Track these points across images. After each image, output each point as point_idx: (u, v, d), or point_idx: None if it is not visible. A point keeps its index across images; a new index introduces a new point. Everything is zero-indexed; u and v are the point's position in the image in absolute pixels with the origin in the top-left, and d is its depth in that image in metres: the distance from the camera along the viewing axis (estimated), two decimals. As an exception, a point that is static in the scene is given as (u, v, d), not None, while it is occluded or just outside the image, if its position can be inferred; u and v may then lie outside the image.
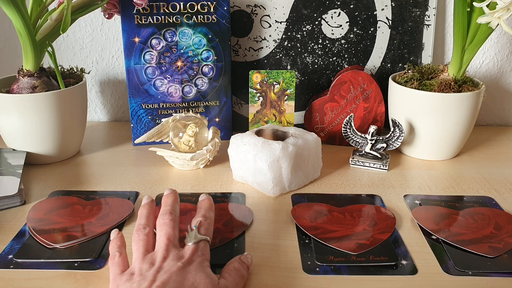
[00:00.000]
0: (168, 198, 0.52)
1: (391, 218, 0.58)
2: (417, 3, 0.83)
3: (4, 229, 0.57)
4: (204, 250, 0.46)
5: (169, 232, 0.47)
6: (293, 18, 0.84)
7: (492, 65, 0.91)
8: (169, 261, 0.44)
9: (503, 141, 0.86)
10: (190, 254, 0.45)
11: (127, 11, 0.76)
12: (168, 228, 0.47)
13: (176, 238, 0.47)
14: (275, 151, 0.63)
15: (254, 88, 0.79)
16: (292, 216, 0.59)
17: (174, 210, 0.50)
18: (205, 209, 0.52)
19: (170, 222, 0.48)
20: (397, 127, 0.73)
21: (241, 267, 0.47)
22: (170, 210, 0.50)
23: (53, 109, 0.71)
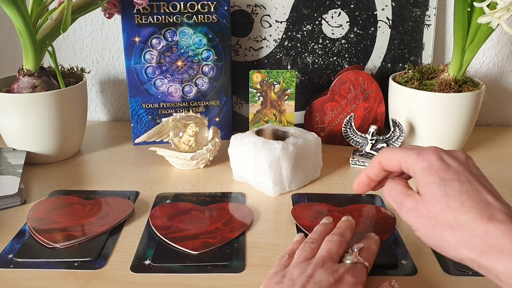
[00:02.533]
0: (343, 223, 0.51)
1: (391, 218, 0.58)
2: (418, 3, 0.83)
3: (4, 229, 0.57)
4: (360, 272, 0.44)
5: (332, 248, 0.46)
6: (293, 18, 0.84)
7: (493, 65, 0.91)
8: (322, 272, 0.43)
9: (503, 141, 0.86)
10: (344, 270, 0.43)
11: (128, 11, 0.76)
12: (333, 245, 0.47)
13: (337, 256, 0.46)
14: (275, 151, 0.63)
15: (254, 87, 0.79)
16: (292, 216, 0.59)
17: (345, 235, 0.49)
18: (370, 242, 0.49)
19: (337, 241, 0.47)
20: (397, 127, 0.73)
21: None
22: (341, 233, 0.49)
23: (53, 109, 0.71)
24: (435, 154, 0.40)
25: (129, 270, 0.50)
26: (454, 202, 0.37)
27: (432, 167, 0.40)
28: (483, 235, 0.35)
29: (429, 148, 0.41)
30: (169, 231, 0.55)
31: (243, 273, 0.49)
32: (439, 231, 0.37)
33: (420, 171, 0.40)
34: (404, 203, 0.40)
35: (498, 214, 0.36)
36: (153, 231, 0.56)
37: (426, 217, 0.38)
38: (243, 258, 0.51)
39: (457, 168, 0.39)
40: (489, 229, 0.35)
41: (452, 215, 0.37)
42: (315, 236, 0.50)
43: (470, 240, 0.36)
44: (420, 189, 0.40)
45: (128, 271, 0.49)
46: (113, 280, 0.48)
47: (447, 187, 0.38)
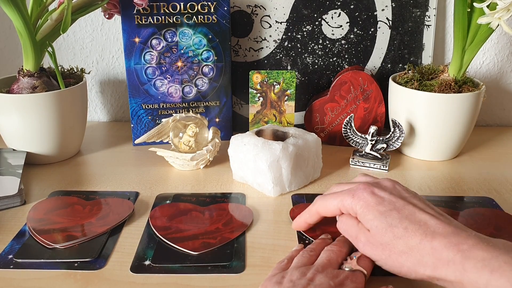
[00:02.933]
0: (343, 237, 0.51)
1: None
2: (417, 4, 0.84)
3: (4, 229, 0.57)
4: (359, 280, 0.44)
5: (331, 256, 0.47)
6: (293, 18, 0.84)
7: (493, 65, 0.91)
8: (322, 276, 0.43)
9: (503, 141, 0.86)
10: (344, 277, 0.44)
11: (127, 11, 0.76)
12: (332, 254, 0.47)
13: (336, 264, 0.46)
14: (275, 152, 0.63)
15: (254, 88, 0.79)
16: (290, 217, 0.59)
17: (344, 247, 0.49)
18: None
19: (337, 251, 0.48)
20: (397, 127, 0.73)
21: None
22: (340, 244, 0.49)
23: (53, 109, 0.71)
24: (367, 191, 0.45)
25: (129, 270, 0.49)
26: (399, 230, 0.42)
27: (368, 204, 0.44)
28: (431, 252, 0.39)
29: (359, 187, 0.46)
30: (169, 232, 0.55)
31: (243, 273, 0.49)
32: (396, 258, 0.42)
33: (360, 210, 0.44)
34: (359, 237, 0.45)
35: (437, 229, 0.40)
36: (153, 231, 0.56)
37: (380, 249, 0.43)
38: (243, 259, 0.51)
39: (390, 198, 0.44)
40: (434, 245, 0.39)
41: (402, 242, 0.41)
42: (314, 246, 0.50)
43: (422, 259, 0.40)
44: (366, 226, 0.44)
45: (128, 272, 0.49)
46: (113, 280, 0.48)
47: (388, 218, 0.43)
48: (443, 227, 0.40)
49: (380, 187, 0.46)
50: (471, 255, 0.38)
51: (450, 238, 0.39)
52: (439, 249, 0.39)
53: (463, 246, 0.38)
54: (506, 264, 0.36)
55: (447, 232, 0.40)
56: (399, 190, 0.46)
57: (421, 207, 0.43)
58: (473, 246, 0.38)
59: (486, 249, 0.37)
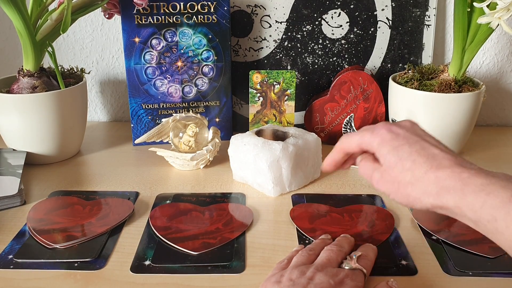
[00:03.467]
0: (342, 238, 0.52)
1: (390, 219, 0.58)
2: (417, 3, 0.83)
3: (4, 229, 0.57)
4: (358, 278, 0.45)
5: (331, 256, 0.47)
6: (293, 18, 0.84)
7: (493, 65, 0.91)
8: (322, 275, 0.43)
9: (503, 141, 0.86)
10: (343, 275, 0.44)
11: (127, 11, 0.76)
12: (332, 253, 0.48)
13: (336, 263, 0.47)
14: (275, 152, 0.63)
15: (254, 88, 0.79)
16: (290, 217, 0.59)
17: (344, 247, 0.50)
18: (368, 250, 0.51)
19: (336, 251, 0.48)
20: (397, 127, 0.73)
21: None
22: (340, 245, 0.50)
23: (53, 109, 0.71)
24: (385, 128, 0.47)
25: (129, 270, 0.50)
26: (408, 163, 0.44)
27: (384, 139, 0.46)
28: (435, 182, 0.42)
29: (379, 124, 0.48)
30: (169, 232, 0.55)
31: (243, 273, 0.49)
32: (403, 190, 0.44)
33: (377, 146, 0.46)
34: (373, 176, 0.47)
35: (443, 162, 0.42)
36: (153, 231, 0.56)
37: (390, 182, 0.45)
38: (243, 259, 0.51)
39: (405, 134, 0.46)
40: (439, 175, 0.42)
41: (409, 173, 0.43)
42: (313, 246, 0.51)
43: (427, 189, 0.42)
44: (381, 161, 0.46)
45: (128, 272, 0.49)
46: (113, 280, 0.48)
47: (399, 152, 0.44)
48: (449, 160, 0.43)
49: (399, 125, 0.48)
50: (471, 181, 0.40)
51: (453, 168, 0.42)
52: (442, 178, 0.42)
53: (464, 175, 0.41)
54: (502, 189, 0.38)
55: (451, 164, 0.42)
56: (416, 128, 0.48)
57: (433, 143, 0.45)
58: (474, 175, 0.40)
59: (485, 177, 0.40)
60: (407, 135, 0.46)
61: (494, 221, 0.38)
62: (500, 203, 0.38)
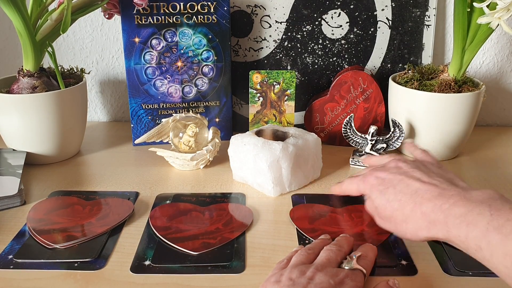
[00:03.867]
0: (341, 237, 0.52)
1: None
2: (417, 4, 0.83)
3: (4, 229, 0.57)
4: (358, 278, 0.45)
5: (330, 256, 0.47)
6: (293, 18, 0.84)
7: (492, 65, 0.91)
8: (322, 275, 0.43)
9: (503, 141, 0.86)
10: (343, 275, 0.44)
11: (127, 11, 0.76)
12: (331, 253, 0.48)
13: (336, 263, 0.47)
14: (275, 152, 0.63)
15: (254, 88, 0.79)
16: (290, 217, 0.59)
17: (343, 246, 0.50)
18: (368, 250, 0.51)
19: (336, 250, 0.48)
20: (397, 127, 0.73)
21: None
22: (340, 244, 0.50)
23: (53, 109, 0.71)
24: (372, 175, 0.52)
25: (129, 270, 0.50)
26: (395, 203, 0.48)
27: (373, 185, 0.51)
28: (422, 217, 0.45)
29: (367, 173, 0.53)
30: (169, 232, 0.55)
31: (243, 273, 0.49)
32: (400, 228, 0.48)
33: (369, 192, 0.52)
34: (374, 216, 0.52)
35: (425, 195, 0.46)
36: (153, 231, 0.56)
37: (388, 222, 0.49)
38: (243, 259, 0.51)
39: (389, 177, 0.50)
40: (423, 210, 0.45)
41: (399, 213, 0.47)
42: (313, 245, 0.50)
43: (417, 224, 0.45)
44: (374, 205, 0.51)
45: (128, 272, 0.49)
46: (113, 280, 0.48)
47: (386, 195, 0.49)
48: (431, 192, 0.46)
49: (384, 169, 0.52)
50: (451, 212, 0.42)
51: (435, 201, 0.44)
52: (427, 213, 0.45)
53: (444, 206, 0.43)
54: (479, 216, 0.40)
55: (433, 196, 0.45)
56: (400, 166, 0.52)
57: (417, 177, 0.48)
58: (453, 204, 0.43)
59: (464, 204, 0.42)
60: (391, 178, 0.50)
61: (480, 250, 0.40)
62: (479, 233, 0.40)
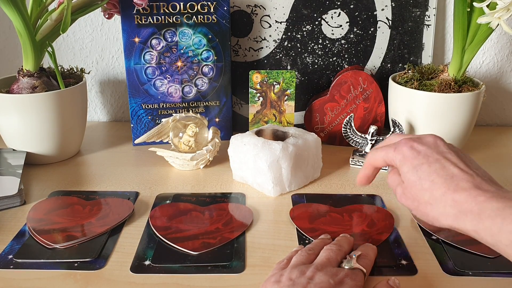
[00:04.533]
0: (341, 237, 0.52)
1: (390, 218, 0.58)
2: (417, 3, 0.83)
3: (4, 229, 0.57)
4: (358, 278, 0.45)
5: (330, 255, 0.47)
6: (293, 18, 0.84)
7: (492, 65, 0.91)
8: (322, 275, 0.43)
9: (503, 141, 0.86)
10: (343, 275, 0.44)
11: (127, 11, 0.76)
12: (331, 253, 0.48)
13: (336, 263, 0.47)
14: (275, 151, 0.63)
15: (254, 88, 0.79)
16: (290, 217, 0.59)
17: (343, 246, 0.50)
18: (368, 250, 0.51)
19: (336, 250, 0.48)
20: (397, 127, 0.73)
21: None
22: (340, 244, 0.50)
23: (53, 109, 0.71)
24: (407, 145, 0.47)
25: (129, 270, 0.50)
26: (426, 183, 0.44)
27: (405, 157, 0.47)
28: (453, 204, 0.42)
29: (402, 141, 0.48)
30: (169, 232, 0.55)
31: (243, 273, 0.49)
32: (422, 209, 0.45)
33: (398, 163, 0.47)
34: (397, 190, 0.48)
35: (461, 183, 0.43)
36: (153, 231, 0.56)
37: (411, 199, 0.46)
38: (243, 259, 0.51)
39: (426, 151, 0.46)
40: (456, 198, 0.42)
41: (427, 194, 0.44)
42: (313, 246, 0.50)
43: (445, 210, 0.43)
44: (402, 178, 0.47)
45: (128, 272, 0.49)
46: (113, 280, 0.48)
47: (419, 171, 0.45)
48: (467, 181, 0.43)
49: (421, 142, 0.48)
50: (487, 206, 0.40)
51: (470, 191, 0.42)
52: (459, 202, 0.42)
53: (480, 198, 0.41)
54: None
55: (469, 186, 0.42)
56: (438, 145, 0.48)
57: (454, 162, 0.45)
58: (490, 198, 0.41)
59: (501, 200, 0.40)
60: (428, 153, 0.46)
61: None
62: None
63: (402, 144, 0.48)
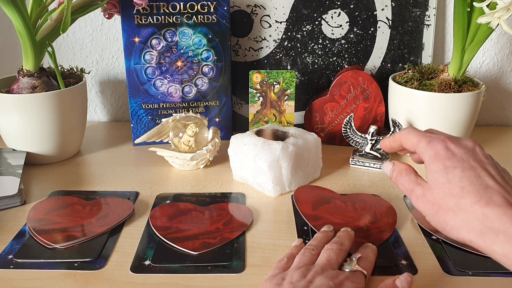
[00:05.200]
0: (343, 233, 0.51)
1: (392, 218, 0.58)
2: (417, 3, 0.83)
3: (4, 229, 0.57)
4: (359, 281, 0.44)
5: (331, 256, 0.46)
6: (293, 18, 0.84)
7: (492, 65, 0.91)
8: (322, 278, 0.43)
9: (503, 141, 0.86)
10: (343, 278, 0.44)
11: (127, 11, 0.76)
12: (332, 253, 0.47)
13: (337, 264, 0.46)
14: (275, 151, 0.63)
15: (254, 88, 0.79)
16: (294, 200, 0.59)
17: (344, 243, 0.49)
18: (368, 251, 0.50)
19: (337, 250, 0.47)
20: (397, 127, 0.73)
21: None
22: (341, 242, 0.49)
23: (53, 109, 0.71)
24: (443, 143, 0.43)
25: (129, 270, 0.50)
26: (456, 188, 0.40)
27: (438, 155, 0.43)
28: (481, 218, 0.38)
29: (438, 137, 0.44)
30: (169, 232, 0.55)
31: (243, 273, 0.49)
32: (442, 215, 0.41)
33: (428, 159, 0.43)
34: (414, 191, 0.44)
35: (496, 197, 0.38)
36: (153, 231, 0.56)
37: (431, 203, 0.42)
38: (243, 259, 0.51)
39: (462, 155, 0.42)
40: (486, 212, 0.37)
41: (454, 200, 0.39)
42: (315, 243, 0.50)
43: (469, 223, 0.38)
44: (427, 176, 0.43)
45: (128, 272, 0.49)
46: (113, 280, 0.48)
47: (449, 174, 0.41)
48: (502, 197, 0.38)
49: (459, 144, 0.44)
50: None
51: (505, 208, 0.37)
52: (491, 217, 0.37)
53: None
54: None
55: (504, 203, 0.37)
56: (477, 152, 0.43)
57: (491, 173, 0.41)
58: None
59: None
60: (464, 157, 0.42)
61: None
62: None
63: (438, 141, 0.44)
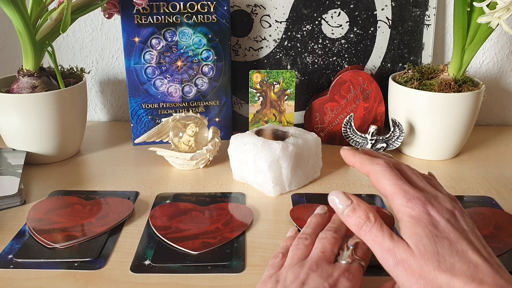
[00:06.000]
0: (338, 217, 0.48)
1: (390, 218, 0.58)
2: (417, 3, 0.83)
3: (4, 229, 0.57)
4: (356, 273, 0.42)
5: (326, 247, 0.44)
6: (293, 18, 0.84)
7: (492, 65, 0.91)
8: (316, 277, 0.41)
9: (503, 141, 0.86)
10: (339, 274, 0.42)
11: (127, 11, 0.76)
12: (327, 243, 0.45)
13: (332, 255, 0.44)
14: (275, 151, 0.63)
15: (254, 88, 0.79)
16: (291, 217, 0.59)
17: (339, 230, 0.47)
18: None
19: (332, 238, 0.45)
20: (397, 127, 0.73)
21: None
22: (336, 229, 0.47)
23: (53, 109, 0.71)
24: (422, 207, 0.40)
25: (129, 270, 0.50)
26: (446, 263, 0.37)
27: (421, 219, 0.39)
28: None
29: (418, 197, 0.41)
30: (169, 231, 0.55)
31: (243, 273, 0.49)
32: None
33: (408, 219, 0.39)
34: (394, 252, 0.38)
35: (486, 278, 0.36)
36: (153, 231, 0.56)
37: (417, 275, 0.37)
38: (243, 258, 0.51)
39: (445, 225, 0.39)
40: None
41: (445, 278, 0.36)
42: (309, 230, 0.48)
43: None
44: (408, 239, 0.38)
45: (128, 271, 0.49)
46: (113, 280, 0.48)
47: (438, 244, 0.37)
48: (494, 277, 0.36)
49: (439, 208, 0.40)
50: None
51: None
52: None
53: None
54: None
55: (496, 284, 0.36)
56: (457, 217, 0.41)
57: (476, 247, 0.38)
58: None
59: None
60: (448, 228, 0.39)
61: None
62: None
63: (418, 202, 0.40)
